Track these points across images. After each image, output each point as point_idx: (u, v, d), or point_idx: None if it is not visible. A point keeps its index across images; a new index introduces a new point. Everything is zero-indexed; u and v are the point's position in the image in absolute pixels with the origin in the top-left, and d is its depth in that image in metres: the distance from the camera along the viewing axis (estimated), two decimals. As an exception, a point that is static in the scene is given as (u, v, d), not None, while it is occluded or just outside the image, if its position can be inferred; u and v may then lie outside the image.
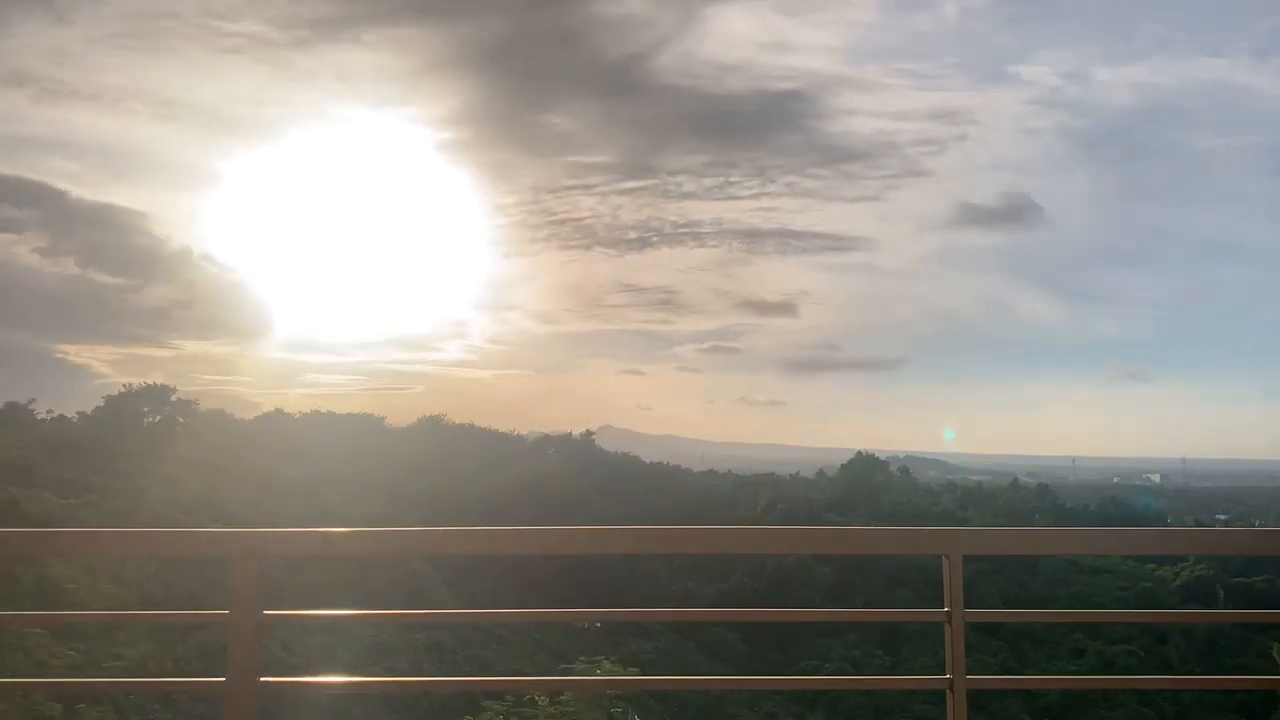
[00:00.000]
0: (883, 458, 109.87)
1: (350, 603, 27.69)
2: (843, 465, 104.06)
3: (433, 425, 78.60)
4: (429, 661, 26.79)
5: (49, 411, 52.63)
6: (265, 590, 2.84)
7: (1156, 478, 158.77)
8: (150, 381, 56.82)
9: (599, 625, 34.40)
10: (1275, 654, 36.97)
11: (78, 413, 54.46)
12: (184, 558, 24.23)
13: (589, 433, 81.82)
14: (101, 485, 31.71)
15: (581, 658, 30.21)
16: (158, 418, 56.29)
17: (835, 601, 44.46)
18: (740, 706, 30.15)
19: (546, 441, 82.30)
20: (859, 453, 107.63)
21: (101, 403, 55.23)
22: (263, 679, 2.78)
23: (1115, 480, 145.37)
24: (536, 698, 19.38)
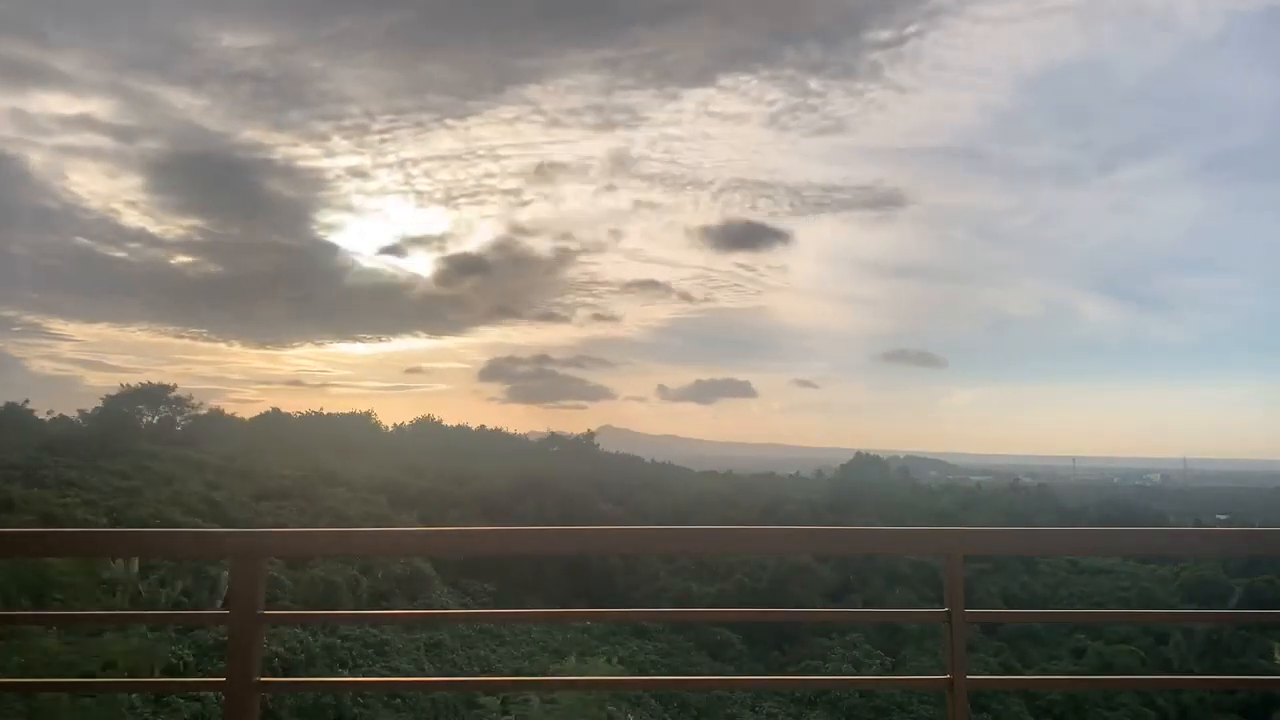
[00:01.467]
0: (883, 458, 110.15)
1: (350, 603, 27.69)
2: (842, 465, 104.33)
3: (432, 425, 78.81)
4: (429, 661, 26.77)
5: (49, 412, 52.84)
6: (265, 590, 2.84)
7: (1157, 478, 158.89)
8: (150, 381, 56.94)
9: (599, 625, 34.42)
10: (1275, 654, 37.03)
11: (78, 411, 54.62)
12: (184, 558, 24.26)
13: (589, 433, 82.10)
14: (101, 485, 31.69)
15: (581, 658, 30.29)
16: (157, 418, 56.39)
17: (835, 601, 44.45)
18: (740, 706, 30.12)
19: (547, 441, 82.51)
20: (859, 453, 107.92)
21: (101, 403, 55.34)
22: (263, 679, 2.78)
23: (1115, 480, 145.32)
24: (536, 697, 19.41)
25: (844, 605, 43.24)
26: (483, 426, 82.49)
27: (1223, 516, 75.94)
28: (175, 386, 57.43)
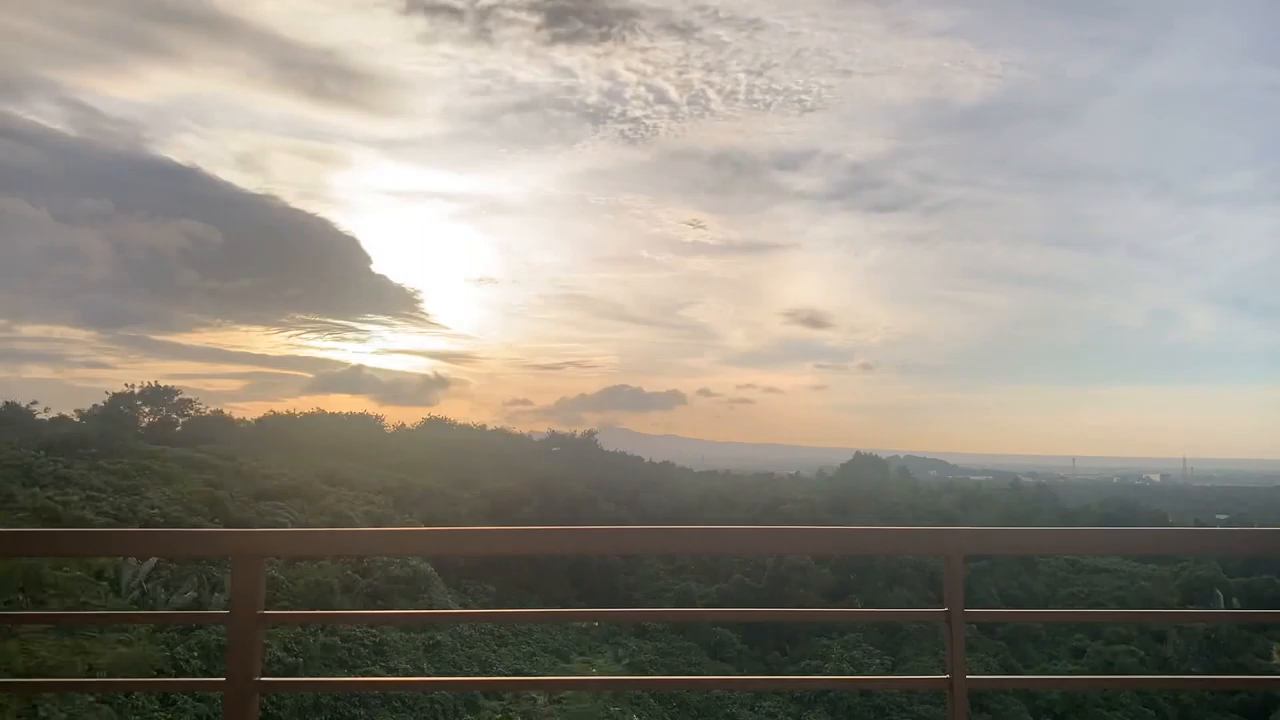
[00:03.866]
0: (883, 458, 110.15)
1: (350, 603, 27.69)
2: (843, 465, 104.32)
3: (434, 425, 78.83)
4: (429, 661, 26.77)
5: (49, 411, 52.83)
6: (265, 590, 2.84)
7: (1156, 478, 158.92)
8: (152, 381, 56.97)
9: (599, 625, 34.44)
10: (1275, 654, 37.06)
11: (75, 411, 54.58)
12: (184, 558, 24.27)
13: (590, 433, 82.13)
14: (101, 485, 31.68)
15: (581, 658, 30.31)
16: (158, 418, 56.39)
17: (835, 601, 44.43)
18: (740, 706, 30.14)
19: (548, 441, 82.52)
20: (859, 453, 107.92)
21: (102, 403, 55.32)
22: (263, 679, 2.78)
23: (1115, 480, 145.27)
24: (536, 697, 19.43)
25: (844, 605, 43.25)
26: (484, 426, 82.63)
27: (1222, 516, 75.98)
28: (180, 389, 57.55)
